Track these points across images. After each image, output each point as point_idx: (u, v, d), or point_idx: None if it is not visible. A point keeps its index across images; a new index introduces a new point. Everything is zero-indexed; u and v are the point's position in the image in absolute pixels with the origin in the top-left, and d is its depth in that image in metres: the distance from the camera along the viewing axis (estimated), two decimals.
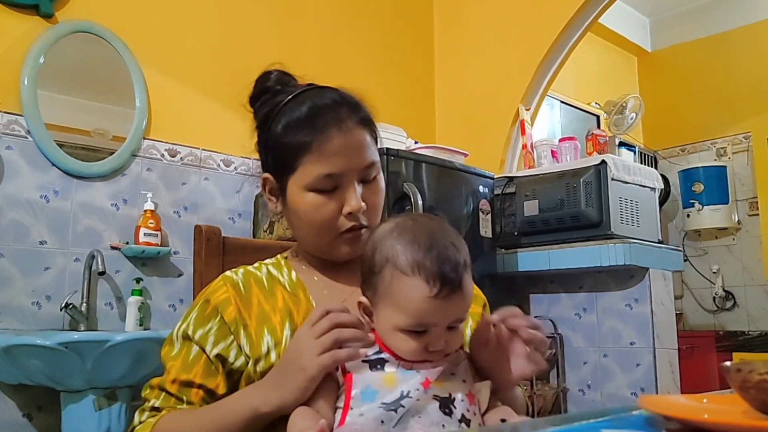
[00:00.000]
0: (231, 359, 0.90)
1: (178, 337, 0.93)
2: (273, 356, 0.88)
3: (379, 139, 0.99)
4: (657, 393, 2.34)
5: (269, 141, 0.96)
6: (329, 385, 0.80)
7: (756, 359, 0.72)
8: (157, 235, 2.34)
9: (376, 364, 0.79)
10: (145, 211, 2.33)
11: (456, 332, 0.80)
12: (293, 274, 0.98)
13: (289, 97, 0.95)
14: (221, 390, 0.90)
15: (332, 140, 0.91)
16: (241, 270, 0.98)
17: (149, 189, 2.38)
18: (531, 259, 2.59)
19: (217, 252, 1.13)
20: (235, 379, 0.91)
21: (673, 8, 4.75)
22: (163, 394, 0.90)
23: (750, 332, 4.15)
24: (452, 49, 3.47)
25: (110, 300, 2.28)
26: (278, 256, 1.04)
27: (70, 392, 1.85)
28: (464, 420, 0.77)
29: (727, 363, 0.62)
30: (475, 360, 0.85)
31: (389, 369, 0.78)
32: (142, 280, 2.31)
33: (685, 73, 4.69)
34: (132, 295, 2.25)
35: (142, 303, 2.26)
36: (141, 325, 2.23)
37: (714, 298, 4.40)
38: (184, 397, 0.89)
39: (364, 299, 0.83)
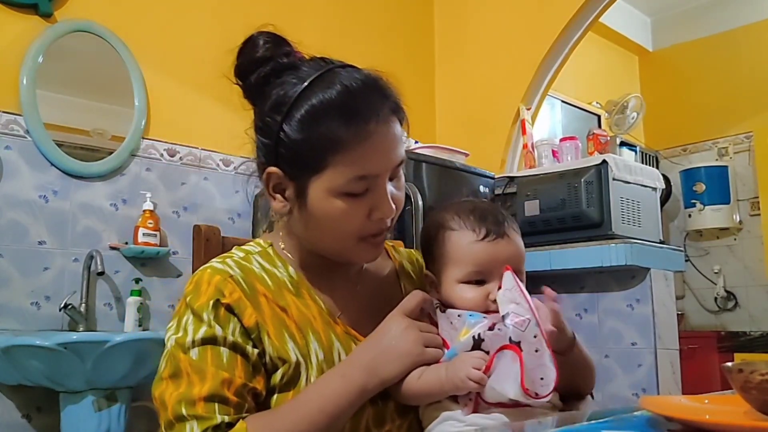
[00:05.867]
0: (262, 361, 0.81)
1: (195, 342, 0.78)
2: (303, 367, 0.82)
3: (406, 123, 0.87)
4: (658, 394, 2.33)
5: (285, 131, 0.80)
6: None
7: (758, 360, 0.72)
8: (156, 236, 2.33)
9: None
10: (144, 211, 2.32)
11: None
12: (290, 269, 0.89)
13: (313, 77, 0.81)
14: (264, 391, 0.80)
15: (371, 137, 0.79)
16: (230, 261, 0.85)
17: (148, 189, 2.38)
18: (532, 260, 2.57)
19: (216, 252, 1.11)
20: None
21: (674, 7, 4.74)
22: (216, 405, 0.75)
23: (752, 332, 4.14)
24: (453, 48, 3.46)
25: (109, 300, 2.27)
26: (260, 242, 0.92)
27: (70, 393, 1.85)
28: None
29: (729, 364, 0.63)
30: None
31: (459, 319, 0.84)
32: (141, 280, 2.31)
33: (686, 73, 4.68)
34: (131, 295, 2.25)
35: (141, 303, 2.25)
36: (140, 325, 2.23)
37: (715, 298, 4.39)
38: (246, 404, 0.78)
39: (430, 273, 0.91)
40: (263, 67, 0.85)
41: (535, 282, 3.13)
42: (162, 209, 2.42)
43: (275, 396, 0.82)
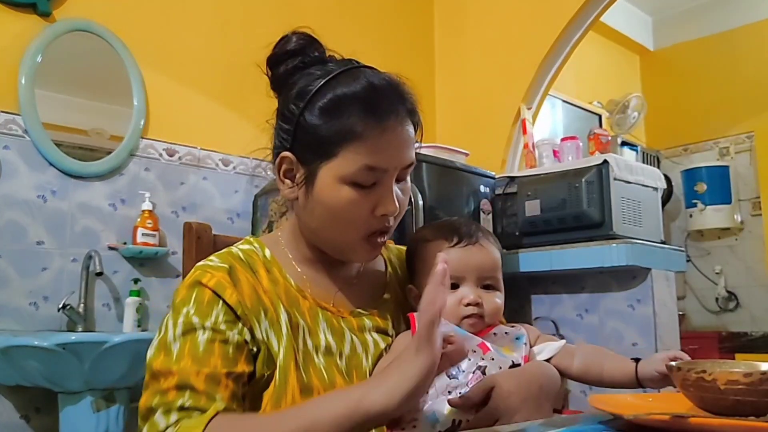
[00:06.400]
0: (249, 344, 0.80)
1: (176, 338, 0.79)
2: (281, 355, 0.81)
3: (420, 130, 0.90)
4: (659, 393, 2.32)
5: (305, 116, 0.84)
6: None
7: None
8: (155, 236, 2.32)
9: None
10: (143, 211, 2.32)
11: (491, 294, 0.91)
12: (266, 251, 0.91)
13: (340, 70, 0.85)
14: (248, 369, 0.79)
15: (386, 132, 0.82)
16: (211, 257, 0.87)
17: (147, 189, 2.37)
18: (532, 260, 2.57)
19: (207, 251, 1.04)
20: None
21: (675, 7, 4.73)
22: (188, 392, 0.75)
23: (753, 333, 4.13)
24: (453, 47, 3.45)
25: (108, 301, 2.27)
26: (249, 239, 0.93)
27: (68, 393, 1.85)
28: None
29: (672, 362, 0.68)
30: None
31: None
32: (140, 280, 2.30)
33: (687, 72, 4.67)
34: (130, 295, 2.24)
35: (140, 304, 2.24)
36: (139, 326, 2.22)
37: (717, 298, 4.38)
38: (218, 396, 0.75)
39: (413, 287, 0.96)
40: (293, 58, 0.90)
41: (536, 282, 3.11)
42: (161, 209, 2.41)
43: (265, 399, 0.80)
